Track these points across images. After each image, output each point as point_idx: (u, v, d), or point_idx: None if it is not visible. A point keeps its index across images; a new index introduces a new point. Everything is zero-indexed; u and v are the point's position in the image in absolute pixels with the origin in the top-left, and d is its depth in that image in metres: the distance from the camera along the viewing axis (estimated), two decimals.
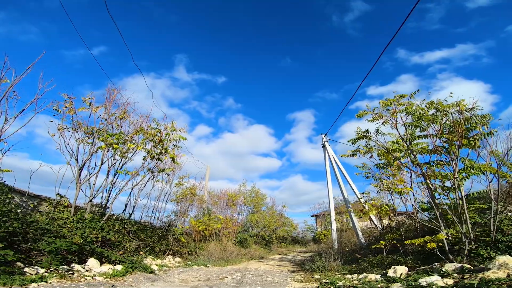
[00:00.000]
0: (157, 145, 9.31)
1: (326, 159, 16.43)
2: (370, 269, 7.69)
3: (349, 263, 9.25)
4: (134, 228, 10.07)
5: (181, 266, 10.13)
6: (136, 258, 8.37)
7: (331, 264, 8.68)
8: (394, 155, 9.55)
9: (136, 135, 9.51)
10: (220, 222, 17.14)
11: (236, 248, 15.87)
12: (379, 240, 10.32)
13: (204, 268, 10.18)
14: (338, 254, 9.26)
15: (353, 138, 10.95)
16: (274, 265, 11.80)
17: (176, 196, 15.85)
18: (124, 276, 6.72)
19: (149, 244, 11.28)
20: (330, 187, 15.94)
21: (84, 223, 8.17)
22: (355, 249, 11.73)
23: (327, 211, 27.31)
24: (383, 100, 9.70)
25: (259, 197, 21.67)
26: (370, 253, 9.49)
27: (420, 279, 5.50)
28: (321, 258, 9.83)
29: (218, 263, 12.32)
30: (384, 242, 8.29)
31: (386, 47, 10.01)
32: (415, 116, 8.99)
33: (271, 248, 20.40)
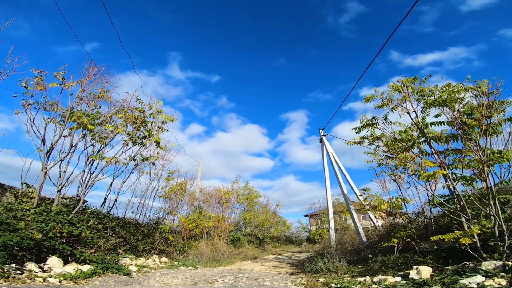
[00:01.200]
0: (140, 127, 7.90)
1: (324, 154, 15.23)
2: (384, 270, 6.44)
3: (354, 263, 7.98)
4: (113, 224, 8.60)
5: (166, 267, 8.70)
6: (110, 257, 6.93)
7: (336, 265, 7.40)
8: (403, 144, 8.39)
9: (116, 116, 8.09)
10: (211, 220, 15.70)
11: (229, 248, 14.46)
12: (386, 238, 9.12)
13: (192, 269, 8.78)
14: (343, 254, 7.98)
15: (357, 127, 9.78)
16: (270, 266, 10.45)
17: (165, 192, 14.43)
18: (89, 278, 5.32)
19: (131, 242, 9.83)
20: (328, 183, 14.74)
21: (48, 216, 6.71)
22: (357, 249, 10.50)
23: (321, 211, 26.12)
24: (393, 83, 8.54)
25: (253, 195, 20.32)
26: (377, 253, 8.26)
27: (461, 280, 4.28)
28: (322, 258, 8.55)
29: (209, 263, 10.92)
30: (397, 240, 7.05)
31: (379, 51, 9.45)
32: (428, 101, 7.87)
33: (264, 248, 19.03)
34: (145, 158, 8.99)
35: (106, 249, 7.34)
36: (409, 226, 7.84)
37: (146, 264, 8.12)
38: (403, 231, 7.17)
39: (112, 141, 8.97)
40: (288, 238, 25.67)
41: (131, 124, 7.99)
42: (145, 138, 8.37)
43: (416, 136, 8.60)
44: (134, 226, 11.60)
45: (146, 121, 7.95)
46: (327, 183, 14.72)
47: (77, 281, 5.04)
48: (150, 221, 13.53)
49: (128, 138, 8.16)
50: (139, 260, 8.54)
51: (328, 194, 14.56)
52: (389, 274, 6.15)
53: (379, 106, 9.03)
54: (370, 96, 8.95)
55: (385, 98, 8.80)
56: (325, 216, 23.92)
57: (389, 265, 6.53)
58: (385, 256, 7.51)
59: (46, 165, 7.29)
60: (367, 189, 12.98)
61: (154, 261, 9.83)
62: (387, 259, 6.69)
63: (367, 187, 12.95)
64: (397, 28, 7.89)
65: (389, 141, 8.83)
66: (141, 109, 7.83)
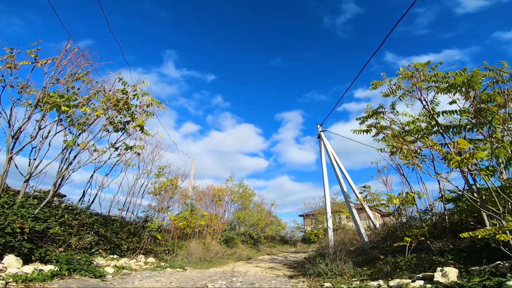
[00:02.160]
0: (122, 110, 6.84)
1: (321, 150, 14.34)
2: (398, 273, 5.50)
3: (359, 265, 7.04)
4: (90, 220, 7.49)
5: (150, 268, 7.63)
6: (82, 257, 5.84)
7: (341, 267, 6.44)
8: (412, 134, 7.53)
9: (95, 98, 7.03)
10: (204, 218, 14.61)
11: (222, 248, 13.40)
12: (392, 238, 8.22)
13: (180, 271, 7.73)
14: (347, 255, 7.04)
15: (362, 116, 8.90)
16: (266, 267, 9.44)
17: (154, 188, 13.32)
18: (48, 280, 4.28)
19: (114, 241, 8.73)
20: (326, 180, 13.82)
21: (10, 209, 5.61)
22: (360, 249, 9.58)
23: (317, 210, 25.23)
24: (404, 67, 7.68)
25: (247, 193, 19.28)
26: (384, 253, 7.34)
27: (508, 282, 3.38)
28: (324, 259, 7.60)
29: (200, 264, 9.86)
30: (410, 239, 6.14)
31: (374, 52, 9.39)
32: (441, 88, 7.04)
33: (259, 248, 17.99)
34: (128, 147, 7.92)
35: (78, 248, 6.25)
36: (421, 224, 6.94)
37: (127, 266, 7.05)
38: (416, 229, 6.26)
39: (93, 128, 7.92)
40: (282, 238, 24.67)
41: (112, 107, 6.94)
42: (128, 124, 7.31)
43: (425, 127, 7.73)
44: (118, 224, 10.49)
45: (129, 103, 6.90)
46: (325, 180, 13.81)
47: (31, 283, 3.99)
48: (139, 219, 12.41)
49: (108, 121, 7.10)
50: (120, 261, 7.46)
51: (326, 191, 13.65)
52: (404, 277, 5.24)
53: (386, 95, 8.18)
54: (378, 82, 8.09)
55: (393, 85, 7.96)
56: (321, 216, 23.00)
57: (403, 266, 5.60)
58: (394, 256, 6.60)
59: (11, 150, 6.19)
60: (368, 186, 12.09)
61: (139, 261, 8.74)
62: (400, 260, 5.76)
63: (367, 184, 12.13)
64: (392, 30, 7.56)
65: (396, 131, 7.97)
66: (123, 89, 6.78)
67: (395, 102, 8.23)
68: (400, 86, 7.92)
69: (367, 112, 8.79)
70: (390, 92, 8.19)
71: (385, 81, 8.07)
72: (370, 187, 12.29)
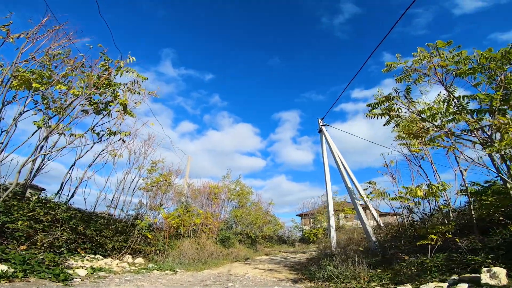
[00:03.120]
0: (103, 88, 5.81)
1: (323, 145, 13.39)
2: (426, 275, 4.53)
3: (373, 267, 6.06)
4: (66, 215, 6.42)
5: (134, 270, 6.57)
6: (46, 256, 4.77)
7: (355, 270, 5.46)
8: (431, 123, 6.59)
9: (73, 76, 5.99)
10: (199, 217, 13.55)
11: (217, 248, 12.37)
12: (405, 237, 7.28)
13: (169, 274, 6.69)
14: (361, 255, 6.06)
15: (372, 103, 7.95)
16: (265, 269, 8.42)
17: (146, 184, 12.24)
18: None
19: (95, 240, 7.66)
20: (327, 176, 12.87)
21: None
22: (368, 249, 8.61)
23: (316, 209, 24.25)
24: (421, 48, 6.76)
25: (245, 191, 18.23)
26: (400, 254, 6.37)
27: None
28: (331, 260, 6.62)
29: (193, 266, 8.83)
30: (436, 237, 5.18)
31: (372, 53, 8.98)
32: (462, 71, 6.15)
33: (256, 248, 16.94)
34: (112, 133, 6.88)
35: (45, 246, 5.18)
36: (444, 220, 5.99)
37: (107, 267, 6.00)
38: (442, 225, 5.30)
39: (73, 112, 6.88)
40: (280, 237, 23.63)
41: (91, 85, 5.91)
42: (111, 105, 6.28)
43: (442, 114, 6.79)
44: (105, 221, 9.40)
45: (111, 81, 5.88)
46: (327, 176, 12.86)
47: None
48: (129, 216, 11.33)
49: (87, 101, 6.07)
50: (100, 262, 6.40)
51: (328, 187, 12.68)
52: (435, 280, 4.29)
53: (399, 79, 7.25)
54: (392, 64, 7.16)
55: (409, 67, 7.03)
56: (320, 215, 22.05)
57: (432, 268, 4.63)
58: (415, 257, 5.63)
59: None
60: (373, 182, 11.18)
61: (124, 262, 7.68)
62: (429, 261, 4.78)
63: (373, 180, 11.25)
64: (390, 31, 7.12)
65: (413, 116, 7.02)
66: (103, 63, 5.75)
67: (410, 86, 7.30)
68: (416, 68, 7.00)
69: (378, 98, 7.84)
70: (405, 75, 7.25)
71: (399, 63, 7.14)
72: (376, 183, 11.38)
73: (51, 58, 6.42)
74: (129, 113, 6.29)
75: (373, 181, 11.55)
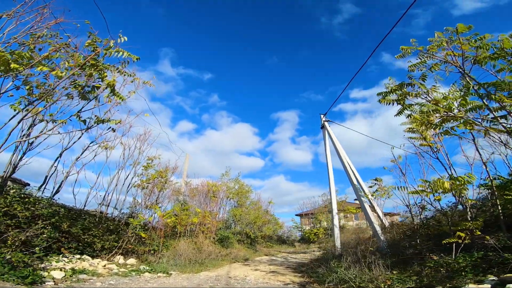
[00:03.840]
0: (90, 69, 5.07)
1: (326, 141, 12.73)
2: (460, 277, 3.84)
3: (387, 268, 5.36)
4: (46, 212, 5.68)
5: (123, 273, 5.83)
6: (14, 256, 4.04)
7: (372, 273, 4.76)
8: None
9: (56, 57, 5.26)
10: (197, 216, 12.80)
11: (216, 248, 11.63)
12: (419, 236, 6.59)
13: (161, 277, 5.96)
14: (377, 257, 5.36)
15: (383, 92, 7.28)
16: (267, 271, 7.71)
17: (141, 181, 11.51)
18: None
19: (82, 239, 6.93)
20: (331, 173, 12.19)
21: None
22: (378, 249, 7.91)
23: (317, 208, 23.54)
24: (439, 32, 6.12)
25: (244, 189, 17.50)
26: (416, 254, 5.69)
27: None
28: (339, 261, 5.93)
29: (189, 267, 8.10)
30: (464, 234, 4.50)
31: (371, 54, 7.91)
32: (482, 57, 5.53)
33: (256, 248, 16.20)
34: (100, 120, 6.16)
35: (17, 244, 4.44)
36: (472, 216, 5.31)
37: (91, 269, 5.26)
38: (471, 222, 4.63)
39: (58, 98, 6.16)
40: (280, 237, 22.89)
41: (76, 66, 5.19)
42: (98, 88, 5.54)
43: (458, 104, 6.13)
44: (96, 220, 8.66)
45: (98, 61, 5.16)
46: (330, 173, 12.18)
47: None
48: (123, 215, 10.58)
49: (72, 84, 5.35)
50: (84, 263, 5.66)
51: (331, 184, 12.00)
52: (470, 282, 3.60)
53: (411, 67, 6.61)
54: (407, 48, 6.49)
55: (425, 53, 6.36)
56: (320, 215, 21.35)
57: (466, 268, 3.94)
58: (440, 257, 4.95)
59: None
60: (379, 179, 10.51)
61: (112, 263, 6.94)
62: (462, 261, 4.09)
63: (379, 177, 10.59)
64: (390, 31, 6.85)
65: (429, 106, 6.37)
66: (90, 42, 5.01)
67: (425, 74, 6.63)
68: (432, 54, 6.34)
69: (389, 87, 7.17)
70: (420, 62, 6.60)
71: (414, 47, 6.49)
72: (382, 180, 10.71)
73: (35, 40, 5.70)
74: (117, 95, 5.58)
75: (379, 178, 10.85)
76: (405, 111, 7.16)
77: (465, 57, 5.85)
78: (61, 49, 5.38)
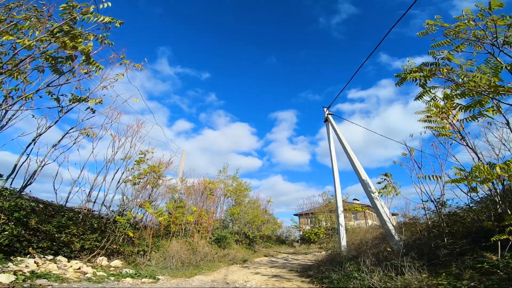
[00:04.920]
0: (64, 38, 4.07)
1: (330, 135, 11.81)
2: None
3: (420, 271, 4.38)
4: (8, 204, 4.64)
5: (99, 278, 4.79)
6: None
7: (405, 279, 3.79)
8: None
9: (26, 27, 4.25)
10: (193, 214, 11.75)
11: (212, 248, 10.59)
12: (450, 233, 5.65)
13: (147, 282, 4.93)
14: (401, 257, 4.39)
15: (401, 73, 6.34)
16: (269, 275, 6.71)
17: (133, 176, 10.47)
18: None
19: (57, 237, 5.90)
20: (335, 169, 11.25)
21: None
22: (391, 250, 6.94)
23: (318, 208, 22.55)
24: (468, 8, 5.25)
25: (242, 187, 16.48)
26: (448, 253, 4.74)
27: None
28: (356, 262, 4.95)
29: (182, 270, 7.09)
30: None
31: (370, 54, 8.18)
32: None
33: (255, 248, 15.17)
34: (76, 98, 5.14)
35: None
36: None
37: (55, 273, 4.21)
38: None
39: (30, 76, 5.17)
40: (279, 237, 21.85)
41: (48, 33, 4.21)
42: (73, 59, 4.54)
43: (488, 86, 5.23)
44: (77, 216, 7.60)
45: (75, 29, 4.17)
46: (335, 168, 11.24)
47: None
48: (113, 213, 9.51)
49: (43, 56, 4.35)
50: (51, 265, 4.62)
51: (336, 180, 11.05)
52: None
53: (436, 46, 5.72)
54: (431, 24, 5.58)
55: (454, 29, 5.44)
56: (321, 214, 20.36)
57: None
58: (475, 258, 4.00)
59: None
60: (389, 175, 9.60)
61: (93, 265, 5.90)
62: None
63: (388, 173, 9.69)
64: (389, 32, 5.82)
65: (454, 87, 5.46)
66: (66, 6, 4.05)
67: (451, 53, 5.72)
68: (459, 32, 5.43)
69: (406, 70, 6.24)
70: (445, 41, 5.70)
71: (440, 22, 5.58)
72: (392, 176, 9.78)
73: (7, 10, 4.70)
74: (92, 63, 4.59)
75: (389, 173, 9.94)
76: (425, 96, 6.29)
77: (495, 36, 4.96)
78: (32, 18, 4.37)
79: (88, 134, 6.79)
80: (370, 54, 8.46)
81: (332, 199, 21.25)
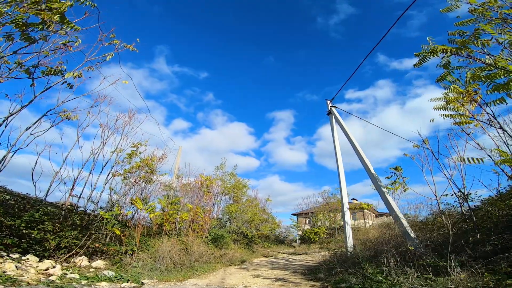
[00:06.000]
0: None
1: (333, 128, 10.99)
2: None
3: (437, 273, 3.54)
4: None
5: (68, 281, 3.87)
6: None
7: (442, 281, 2.93)
8: None
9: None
10: (188, 212, 10.82)
11: (208, 248, 9.67)
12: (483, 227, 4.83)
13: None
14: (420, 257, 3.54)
15: (420, 52, 5.53)
16: (271, 278, 5.82)
17: (124, 170, 9.56)
18: None
19: (26, 234, 4.98)
20: (340, 163, 10.43)
21: None
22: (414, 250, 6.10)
23: (318, 207, 21.67)
24: None
25: (240, 184, 15.57)
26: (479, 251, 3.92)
27: None
28: (377, 262, 4.11)
29: (173, 273, 6.18)
30: None
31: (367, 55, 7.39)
32: None
33: (253, 248, 14.25)
34: (50, 71, 4.22)
35: None
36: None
37: (10, 275, 3.30)
38: None
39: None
40: (277, 237, 20.93)
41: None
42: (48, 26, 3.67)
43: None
44: (58, 211, 6.67)
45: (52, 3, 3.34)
46: (339, 162, 10.41)
47: None
48: (101, 209, 8.57)
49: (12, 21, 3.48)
50: (9, 265, 3.70)
51: (341, 175, 10.21)
52: None
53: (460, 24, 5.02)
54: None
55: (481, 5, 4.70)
56: (321, 213, 19.51)
57: None
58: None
59: None
60: (399, 168, 8.91)
61: (69, 266, 4.98)
62: None
63: (399, 166, 9.03)
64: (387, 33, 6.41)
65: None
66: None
67: (479, 30, 4.94)
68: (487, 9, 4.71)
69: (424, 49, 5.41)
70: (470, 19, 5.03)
71: None
72: (402, 170, 9.04)
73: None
74: (67, 23, 3.72)
75: (399, 167, 9.20)
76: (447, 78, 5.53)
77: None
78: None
79: (69, 117, 5.88)
80: (367, 55, 8.08)
81: (332, 198, 20.45)
